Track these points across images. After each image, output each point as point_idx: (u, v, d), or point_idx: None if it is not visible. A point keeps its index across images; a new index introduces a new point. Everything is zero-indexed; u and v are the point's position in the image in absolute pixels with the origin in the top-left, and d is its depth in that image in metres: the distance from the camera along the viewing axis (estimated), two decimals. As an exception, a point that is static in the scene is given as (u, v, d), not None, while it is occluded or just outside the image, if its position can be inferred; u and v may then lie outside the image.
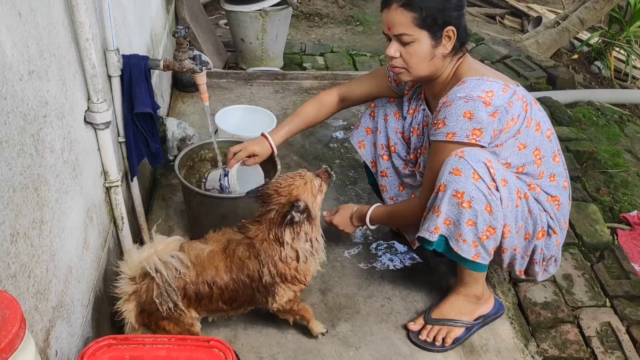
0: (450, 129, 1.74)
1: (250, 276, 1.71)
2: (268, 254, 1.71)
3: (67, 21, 1.50)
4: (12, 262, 1.14)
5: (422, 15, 1.72)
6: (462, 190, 1.72)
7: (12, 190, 1.14)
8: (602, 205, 2.79)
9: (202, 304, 1.69)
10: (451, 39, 1.77)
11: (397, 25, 1.76)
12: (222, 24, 4.85)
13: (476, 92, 1.71)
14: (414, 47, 1.78)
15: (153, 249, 1.64)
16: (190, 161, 2.32)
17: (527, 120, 1.78)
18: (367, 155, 2.26)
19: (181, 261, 1.63)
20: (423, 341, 1.96)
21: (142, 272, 1.61)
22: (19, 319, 0.90)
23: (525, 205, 1.81)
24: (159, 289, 1.59)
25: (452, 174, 1.73)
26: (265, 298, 1.76)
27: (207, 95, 2.14)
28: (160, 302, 1.60)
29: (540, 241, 1.86)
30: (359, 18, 5.54)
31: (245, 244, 1.73)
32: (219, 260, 1.70)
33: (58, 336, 1.39)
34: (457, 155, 1.73)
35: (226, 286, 1.69)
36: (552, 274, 2.02)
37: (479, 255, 1.81)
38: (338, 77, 3.73)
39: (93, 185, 1.72)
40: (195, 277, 1.66)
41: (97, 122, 1.69)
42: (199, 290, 1.66)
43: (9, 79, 1.13)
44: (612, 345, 2.04)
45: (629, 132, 3.50)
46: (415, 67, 1.82)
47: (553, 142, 1.88)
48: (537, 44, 4.90)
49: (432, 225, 1.79)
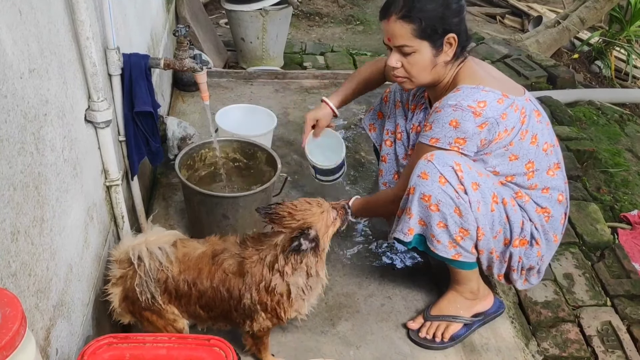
0: (435, 134, 1.75)
1: (229, 292, 1.64)
2: (254, 279, 1.63)
3: (67, 19, 1.50)
4: (13, 261, 1.14)
5: (422, 26, 1.71)
6: (429, 194, 1.73)
7: (12, 189, 1.14)
8: (603, 204, 2.79)
9: (182, 303, 1.67)
10: (452, 46, 1.77)
11: (397, 37, 1.75)
12: (223, 23, 4.86)
13: (467, 101, 1.71)
14: (415, 58, 1.78)
15: (145, 238, 1.65)
16: (191, 160, 2.32)
17: (522, 132, 1.76)
18: (377, 138, 2.28)
19: (167, 255, 1.63)
20: (423, 339, 1.97)
21: (128, 258, 1.63)
22: (19, 317, 0.90)
23: (503, 210, 1.79)
24: (139, 278, 1.61)
25: (420, 177, 1.74)
26: (243, 320, 1.69)
27: (207, 94, 2.14)
28: (140, 292, 1.61)
29: (518, 249, 1.85)
30: (360, 17, 5.54)
31: (236, 260, 1.66)
32: (205, 265, 1.66)
33: (58, 335, 1.39)
34: (426, 159, 1.74)
35: (204, 292, 1.65)
36: (533, 284, 2.00)
37: (460, 254, 1.81)
38: (338, 77, 3.73)
39: (93, 184, 1.72)
40: (178, 273, 1.64)
41: (98, 121, 1.69)
42: (178, 287, 1.65)
43: (9, 77, 1.13)
44: (612, 345, 2.04)
45: (630, 132, 3.50)
46: (417, 76, 1.83)
47: (551, 156, 1.86)
48: (538, 44, 4.90)
49: (406, 227, 1.82)
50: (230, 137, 2.47)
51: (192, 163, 2.33)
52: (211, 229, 2.17)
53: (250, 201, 2.13)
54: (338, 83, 3.68)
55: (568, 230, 2.05)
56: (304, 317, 1.74)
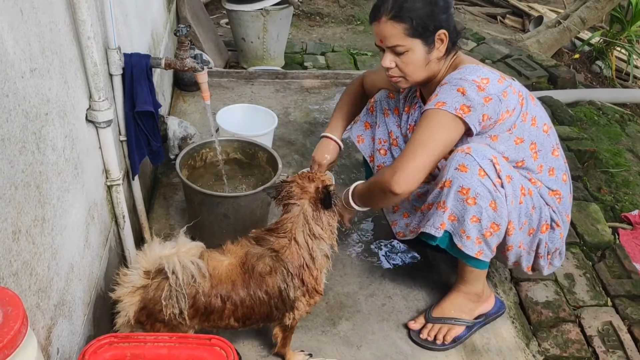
0: (441, 98, 1.73)
1: (268, 293, 1.62)
2: (295, 264, 1.63)
3: (68, 19, 1.50)
4: (14, 260, 1.14)
5: (413, 24, 1.73)
6: (468, 187, 1.72)
7: (14, 188, 1.14)
8: (604, 204, 2.79)
9: (211, 318, 1.61)
10: (444, 42, 1.78)
11: (389, 37, 1.76)
12: (223, 23, 4.86)
13: (472, 76, 1.72)
14: (408, 56, 1.78)
15: (176, 249, 1.57)
16: (192, 160, 2.32)
17: (523, 114, 1.78)
18: (365, 149, 2.25)
19: (199, 269, 1.55)
20: (424, 340, 1.96)
21: (158, 269, 1.55)
22: (21, 316, 0.90)
23: (530, 202, 1.81)
24: (170, 291, 1.52)
25: (458, 170, 1.73)
26: (283, 314, 1.68)
27: (208, 94, 2.14)
28: (167, 305, 1.53)
29: (545, 235, 1.87)
30: (360, 17, 5.54)
31: (269, 256, 1.64)
32: (237, 275, 1.61)
33: (59, 334, 1.39)
34: (463, 151, 1.73)
35: (242, 302, 1.60)
36: (557, 267, 2.01)
37: (482, 252, 1.81)
38: (339, 77, 3.73)
39: (94, 183, 1.72)
40: (209, 288, 1.57)
41: (99, 121, 1.69)
42: (210, 304, 1.58)
43: (11, 77, 1.14)
44: (613, 345, 2.04)
45: (630, 132, 3.50)
46: (412, 74, 1.83)
47: (551, 137, 1.88)
48: (539, 44, 4.90)
49: (438, 221, 1.79)
50: (231, 136, 2.47)
51: (192, 163, 2.33)
52: (212, 229, 2.17)
53: (251, 201, 2.13)
54: (339, 83, 3.68)
55: (569, 231, 2.05)
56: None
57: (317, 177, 1.73)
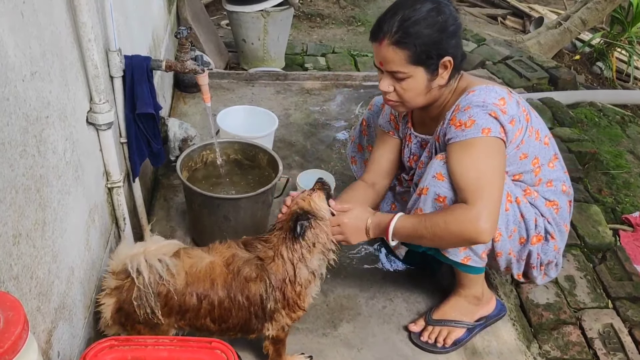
0: (484, 124, 1.62)
1: (249, 299, 1.60)
2: (278, 277, 1.61)
3: (69, 22, 1.50)
4: (15, 264, 1.14)
5: (417, 51, 1.61)
6: (444, 195, 1.69)
7: (14, 191, 1.14)
8: (604, 206, 2.79)
9: (186, 317, 1.59)
10: (448, 68, 1.67)
11: (390, 62, 1.65)
12: (224, 24, 4.86)
13: (491, 99, 1.64)
14: (408, 83, 1.68)
15: (143, 248, 1.57)
16: (192, 162, 2.32)
17: (529, 129, 1.74)
18: (357, 171, 2.22)
19: (167, 267, 1.53)
20: (424, 342, 1.96)
21: (123, 269, 1.55)
22: (22, 320, 0.90)
23: (517, 209, 1.76)
24: (138, 292, 1.52)
25: (434, 178, 1.70)
26: (262, 324, 1.66)
27: (208, 95, 2.14)
28: (138, 305, 1.52)
29: (536, 246, 1.83)
30: (361, 18, 5.54)
31: (254, 264, 1.62)
32: (218, 275, 1.59)
33: (60, 337, 1.39)
34: (442, 159, 1.70)
35: (220, 303, 1.58)
36: (552, 277, 1.99)
37: (469, 258, 1.79)
38: (340, 78, 3.73)
39: (95, 186, 1.72)
40: (184, 286, 1.55)
41: (99, 123, 1.69)
42: (184, 302, 1.56)
43: (11, 80, 1.13)
44: (614, 347, 2.04)
45: (631, 133, 3.50)
46: (411, 100, 1.73)
47: (550, 148, 1.85)
48: (539, 45, 4.90)
49: None
50: (232, 138, 2.46)
51: (193, 164, 2.33)
52: (212, 231, 2.17)
53: (252, 203, 2.13)
54: (339, 84, 3.68)
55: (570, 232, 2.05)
56: (312, 300, 1.73)
57: (298, 202, 1.68)
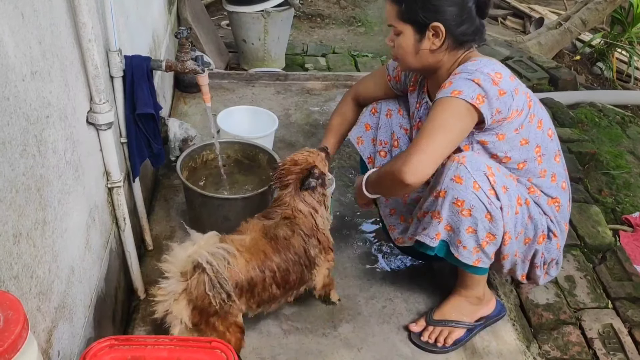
0: (456, 87, 1.67)
1: (297, 253, 1.78)
2: (307, 227, 1.82)
3: (69, 22, 1.50)
4: (15, 263, 1.14)
5: (403, 8, 1.74)
6: (462, 199, 1.71)
7: (14, 191, 1.14)
8: (604, 206, 2.79)
9: (255, 292, 1.70)
10: (439, 36, 1.72)
11: (388, 16, 1.81)
12: (224, 24, 4.86)
13: (486, 69, 1.69)
14: (400, 40, 1.79)
15: (197, 245, 1.63)
16: (192, 162, 2.32)
17: (530, 116, 1.76)
18: (364, 150, 2.22)
19: (227, 250, 1.63)
20: (425, 342, 1.96)
21: (191, 268, 1.59)
22: (21, 319, 0.90)
23: (526, 211, 1.79)
24: (210, 281, 1.57)
25: (453, 181, 1.71)
26: (311, 272, 1.85)
27: (209, 96, 2.14)
28: (214, 295, 1.58)
29: (541, 245, 1.85)
30: (361, 19, 5.54)
31: (284, 224, 1.80)
32: (264, 245, 1.74)
33: (60, 337, 1.39)
34: (458, 161, 1.71)
35: (278, 267, 1.73)
36: (553, 277, 2.01)
37: (480, 260, 1.81)
38: (340, 78, 3.73)
39: (95, 186, 1.72)
40: (245, 264, 1.67)
41: (100, 123, 1.69)
42: (251, 277, 1.67)
43: (11, 80, 1.14)
44: (614, 347, 2.04)
45: (631, 134, 3.50)
46: (402, 58, 1.83)
47: (554, 142, 1.87)
48: (539, 45, 4.90)
49: (434, 231, 1.79)
50: (232, 138, 2.47)
51: (193, 165, 2.33)
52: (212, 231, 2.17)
53: (252, 203, 2.13)
54: (340, 85, 3.68)
55: (569, 232, 2.05)
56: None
57: (305, 159, 1.90)
